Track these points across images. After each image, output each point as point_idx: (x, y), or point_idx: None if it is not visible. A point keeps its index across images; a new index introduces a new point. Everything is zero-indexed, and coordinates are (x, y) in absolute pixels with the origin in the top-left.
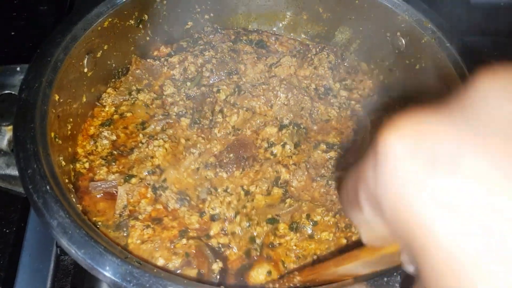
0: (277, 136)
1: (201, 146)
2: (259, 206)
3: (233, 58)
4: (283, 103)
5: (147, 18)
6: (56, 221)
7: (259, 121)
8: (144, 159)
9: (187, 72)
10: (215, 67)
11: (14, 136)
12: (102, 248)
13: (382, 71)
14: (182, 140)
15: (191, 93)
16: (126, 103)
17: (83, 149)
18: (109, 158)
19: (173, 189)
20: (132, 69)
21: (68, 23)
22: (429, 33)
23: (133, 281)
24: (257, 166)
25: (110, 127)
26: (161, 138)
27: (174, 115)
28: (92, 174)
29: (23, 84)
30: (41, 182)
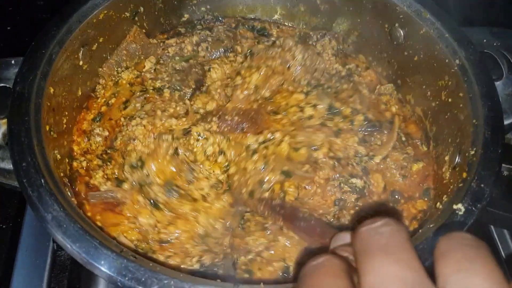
0: (305, 102)
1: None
2: (281, 154)
3: (229, 37)
4: (300, 63)
5: (142, 10)
6: (51, 215)
7: (278, 79)
8: (127, 142)
9: (183, 51)
10: (211, 45)
11: (9, 129)
12: (97, 242)
13: (381, 63)
14: (158, 112)
15: (178, 67)
16: (110, 84)
17: (78, 147)
18: (105, 157)
19: (158, 182)
20: (128, 40)
21: (63, 15)
22: (427, 24)
23: (128, 275)
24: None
25: (100, 122)
26: (137, 117)
27: (151, 89)
28: (88, 177)
29: (17, 77)
30: (35, 175)
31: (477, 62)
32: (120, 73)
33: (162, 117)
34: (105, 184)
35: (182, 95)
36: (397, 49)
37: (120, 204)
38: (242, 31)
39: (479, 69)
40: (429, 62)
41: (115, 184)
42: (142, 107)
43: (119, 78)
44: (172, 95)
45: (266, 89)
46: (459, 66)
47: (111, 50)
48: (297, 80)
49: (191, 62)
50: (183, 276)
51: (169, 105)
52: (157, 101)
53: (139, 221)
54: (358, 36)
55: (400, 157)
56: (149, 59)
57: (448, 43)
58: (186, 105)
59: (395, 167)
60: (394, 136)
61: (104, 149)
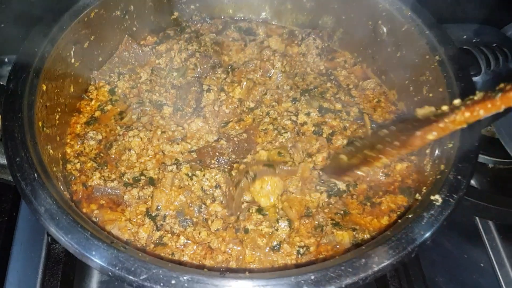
0: (295, 108)
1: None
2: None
3: (216, 52)
4: (280, 70)
5: (133, 8)
6: (44, 208)
7: (261, 89)
8: (122, 151)
9: (173, 63)
10: (199, 61)
11: (3, 125)
12: (88, 234)
13: (366, 59)
14: (158, 131)
15: (176, 83)
16: (104, 91)
17: (71, 149)
18: (99, 161)
19: (171, 214)
20: (120, 49)
21: (55, 14)
22: (409, 21)
23: (119, 265)
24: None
25: (95, 125)
26: (135, 128)
27: (148, 102)
28: (85, 177)
29: (10, 75)
30: (29, 170)
31: (456, 58)
32: (116, 81)
33: (160, 137)
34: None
35: (183, 114)
36: (381, 45)
37: (122, 204)
38: (229, 33)
39: (458, 65)
40: (411, 58)
41: (123, 184)
42: (138, 119)
43: (115, 86)
44: (174, 114)
45: (250, 100)
46: (439, 62)
47: (102, 48)
48: (280, 87)
49: (189, 79)
50: (171, 266)
51: (169, 126)
52: (156, 115)
53: (138, 231)
54: (343, 33)
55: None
56: (143, 69)
57: (428, 39)
58: (184, 130)
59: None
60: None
61: (97, 152)
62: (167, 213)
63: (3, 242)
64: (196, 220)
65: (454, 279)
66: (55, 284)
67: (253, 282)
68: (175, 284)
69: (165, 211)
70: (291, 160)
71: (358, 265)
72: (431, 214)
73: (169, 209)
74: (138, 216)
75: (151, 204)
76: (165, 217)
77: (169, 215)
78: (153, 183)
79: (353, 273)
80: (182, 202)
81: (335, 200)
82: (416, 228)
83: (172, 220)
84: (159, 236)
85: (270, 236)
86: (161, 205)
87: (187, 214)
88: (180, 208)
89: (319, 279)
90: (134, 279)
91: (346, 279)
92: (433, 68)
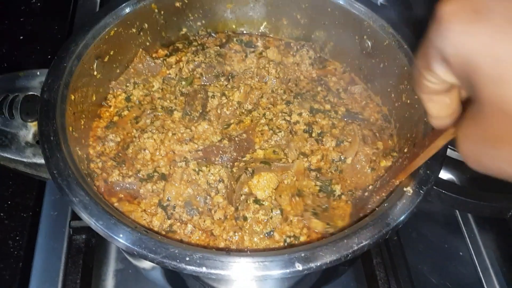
0: (289, 109)
1: (187, 140)
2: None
3: (219, 63)
4: (275, 76)
5: (147, 26)
6: (78, 199)
7: (257, 93)
8: (138, 151)
9: (182, 73)
10: (204, 71)
11: (39, 130)
12: (115, 220)
13: (353, 69)
14: (170, 133)
15: (185, 91)
16: (121, 99)
17: (93, 150)
18: (118, 160)
19: (179, 204)
20: (135, 62)
21: (80, 33)
22: (390, 37)
23: (142, 245)
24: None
25: (113, 129)
26: (149, 131)
27: (160, 107)
28: (106, 174)
29: (44, 86)
30: (64, 167)
31: None
32: (131, 90)
33: (171, 139)
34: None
35: (191, 118)
36: (366, 57)
37: (139, 197)
38: (231, 45)
39: None
40: (392, 69)
41: (139, 180)
42: (152, 123)
43: (130, 94)
44: (183, 118)
45: (247, 103)
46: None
47: (120, 61)
48: (275, 91)
49: (196, 87)
50: (185, 246)
51: (178, 128)
52: (167, 119)
53: (152, 220)
54: (333, 46)
55: (370, 151)
56: (155, 78)
57: (406, 52)
58: (192, 132)
59: (365, 160)
60: (357, 139)
61: (116, 153)
62: (177, 203)
63: (29, 234)
64: (202, 210)
65: (436, 267)
66: (77, 271)
67: (253, 258)
68: (188, 261)
69: (174, 202)
70: (285, 158)
71: (341, 244)
72: (403, 203)
73: (178, 200)
74: (152, 207)
75: (162, 196)
76: (174, 207)
77: (178, 205)
78: (165, 178)
79: (337, 251)
80: (189, 194)
81: (323, 195)
82: (391, 215)
83: (181, 210)
84: (169, 224)
85: (265, 223)
86: (171, 197)
87: (194, 205)
88: (188, 199)
89: (308, 256)
90: (155, 257)
91: (331, 256)
92: (410, 78)
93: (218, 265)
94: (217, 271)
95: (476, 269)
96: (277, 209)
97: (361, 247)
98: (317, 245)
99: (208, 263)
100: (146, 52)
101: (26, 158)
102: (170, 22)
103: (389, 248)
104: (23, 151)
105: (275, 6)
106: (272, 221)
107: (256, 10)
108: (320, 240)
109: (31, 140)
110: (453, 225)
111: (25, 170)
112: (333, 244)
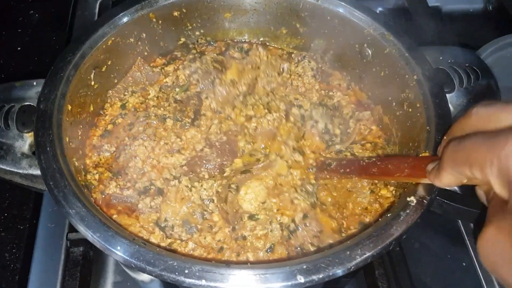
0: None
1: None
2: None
3: (216, 69)
4: (267, 62)
5: (145, 36)
6: (75, 211)
7: (251, 74)
8: (129, 159)
9: (179, 80)
10: (201, 77)
11: (36, 141)
12: (113, 232)
13: (354, 78)
14: (162, 142)
15: (178, 97)
16: (116, 107)
17: (90, 160)
18: (113, 170)
19: (177, 223)
20: (133, 70)
21: (77, 42)
22: (390, 45)
23: (140, 258)
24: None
25: (108, 138)
26: (140, 138)
27: (153, 115)
28: (103, 186)
29: (41, 96)
30: (60, 179)
31: (432, 77)
32: (128, 97)
33: (161, 147)
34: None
35: (182, 125)
36: (367, 65)
37: (137, 211)
38: (231, 52)
39: (433, 83)
40: (393, 77)
41: (137, 193)
42: (144, 130)
43: (126, 101)
44: (174, 125)
45: (242, 83)
46: (416, 81)
47: (118, 71)
48: (269, 74)
49: (189, 94)
50: (184, 259)
51: (169, 137)
52: (159, 127)
53: (150, 238)
54: (333, 55)
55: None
56: (153, 87)
57: (407, 61)
58: (182, 142)
59: (367, 180)
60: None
61: (111, 163)
62: (175, 222)
63: (26, 247)
64: (201, 227)
65: (439, 278)
66: (74, 284)
67: (254, 270)
68: (188, 273)
69: (172, 222)
70: (263, 155)
71: (344, 256)
72: (406, 213)
73: (176, 219)
74: (150, 224)
75: (160, 216)
76: (173, 227)
77: (177, 225)
78: (161, 193)
79: (339, 262)
80: (185, 212)
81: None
82: (394, 225)
83: (180, 229)
84: (169, 242)
85: (266, 237)
86: (168, 217)
87: (192, 222)
88: (185, 217)
89: (310, 268)
90: (154, 270)
91: (333, 268)
92: (412, 86)
93: (218, 277)
94: (217, 284)
95: (479, 280)
96: (275, 222)
97: (364, 258)
98: (319, 257)
99: (208, 275)
100: (144, 61)
101: (22, 169)
102: (168, 32)
103: (391, 259)
104: (19, 162)
105: (274, 15)
106: (273, 234)
107: (255, 19)
108: (322, 252)
109: (27, 151)
110: (455, 235)
111: (21, 181)
112: (335, 256)
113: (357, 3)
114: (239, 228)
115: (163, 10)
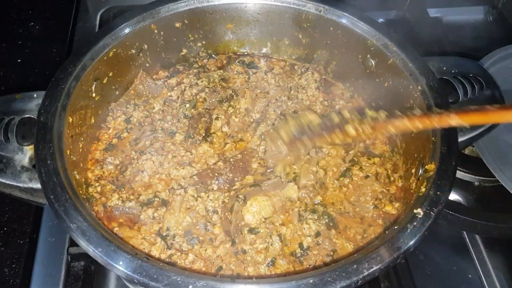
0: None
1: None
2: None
3: (223, 88)
4: (275, 85)
5: (146, 47)
6: (76, 225)
7: (263, 101)
8: (136, 173)
9: (184, 96)
10: (208, 96)
11: (36, 154)
12: (115, 246)
13: (357, 89)
14: (170, 155)
15: (188, 114)
16: (121, 121)
17: (92, 173)
18: (117, 183)
19: (179, 233)
20: (136, 83)
21: (78, 54)
22: (394, 55)
23: (143, 273)
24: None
25: (112, 151)
26: (148, 153)
27: (160, 129)
28: (105, 198)
29: (41, 109)
30: (61, 193)
31: (436, 87)
32: (131, 111)
33: (170, 161)
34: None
35: (193, 141)
36: (370, 76)
37: (139, 223)
38: (233, 67)
39: (438, 93)
40: (396, 88)
41: (139, 205)
42: (151, 144)
43: (130, 116)
44: (185, 140)
45: (255, 111)
46: (421, 92)
47: (119, 83)
48: (278, 99)
49: (200, 110)
50: (188, 274)
51: (178, 151)
52: (167, 142)
53: (151, 250)
54: (336, 65)
55: (379, 189)
56: (156, 100)
57: (411, 71)
58: (192, 155)
59: (371, 195)
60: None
61: (115, 176)
62: (176, 232)
63: (25, 261)
64: (202, 239)
65: None
66: None
67: (259, 286)
68: None
69: (174, 231)
70: (275, 177)
71: (351, 270)
72: (413, 225)
73: (178, 229)
74: (152, 234)
75: (162, 225)
76: (174, 236)
77: (178, 235)
78: (165, 204)
79: (346, 277)
80: (189, 222)
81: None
82: (401, 238)
83: (181, 239)
84: (169, 254)
85: (266, 250)
86: (170, 226)
87: (194, 233)
88: (187, 228)
89: (317, 282)
90: (157, 285)
91: (341, 282)
92: (416, 97)
93: None
94: None
95: None
96: (275, 235)
97: (371, 272)
98: (326, 270)
99: None
100: (146, 73)
101: (22, 183)
102: (170, 43)
103: (396, 272)
104: (18, 175)
105: (277, 25)
106: (273, 247)
107: (257, 30)
108: (329, 266)
109: (27, 164)
110: (461, 246)
111: (21, 195)
112: (342, 270)
113: (360, 14)
114: (239, 241)
115: (165, 21)
